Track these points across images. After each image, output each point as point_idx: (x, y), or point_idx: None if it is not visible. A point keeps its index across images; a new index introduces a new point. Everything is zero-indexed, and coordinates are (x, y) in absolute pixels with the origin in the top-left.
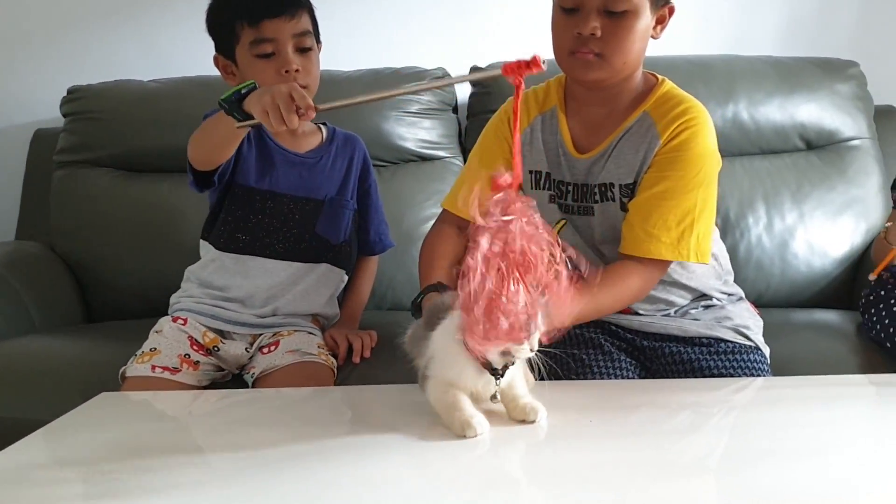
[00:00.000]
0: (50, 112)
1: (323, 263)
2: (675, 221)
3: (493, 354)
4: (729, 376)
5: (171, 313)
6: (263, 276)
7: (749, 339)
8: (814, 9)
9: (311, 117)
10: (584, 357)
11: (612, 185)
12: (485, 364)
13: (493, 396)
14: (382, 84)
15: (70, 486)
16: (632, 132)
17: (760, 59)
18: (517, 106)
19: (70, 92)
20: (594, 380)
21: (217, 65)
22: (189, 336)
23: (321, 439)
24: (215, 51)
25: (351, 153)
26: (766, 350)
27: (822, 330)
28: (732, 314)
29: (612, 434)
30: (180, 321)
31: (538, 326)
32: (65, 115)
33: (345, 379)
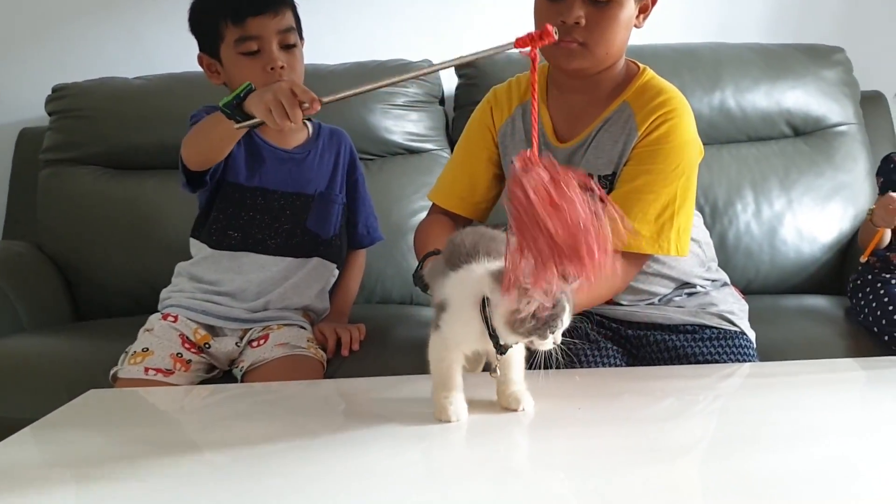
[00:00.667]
0: (35, 111)
1: (314, 258)
2: (655, 215)
3: (518, 331)
4: (715, 362)
5: (161, 309)
6: (256, 271)
7: (734, 324)
8: None
9: (316, 109)
10: (570, 346)
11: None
12: (492, 336)
13: (494, 371)
14: (368, 78)
15: (59, 482)
16: (611, 122)
17: (746, 47)
18: (534, 78)
19: (55, 90)
20: (581, 368)
21: (201, 64)
22: (181, 333)
23: (311, 432)
24: (199, 50)
25: (337, 147)
26: (752, 334)
27: (810, 315)
28: (717, 300)
29: (598, 421)
30: (171, 318)
31: (564, 322)
32: (50, 114)
33: (334, 372)
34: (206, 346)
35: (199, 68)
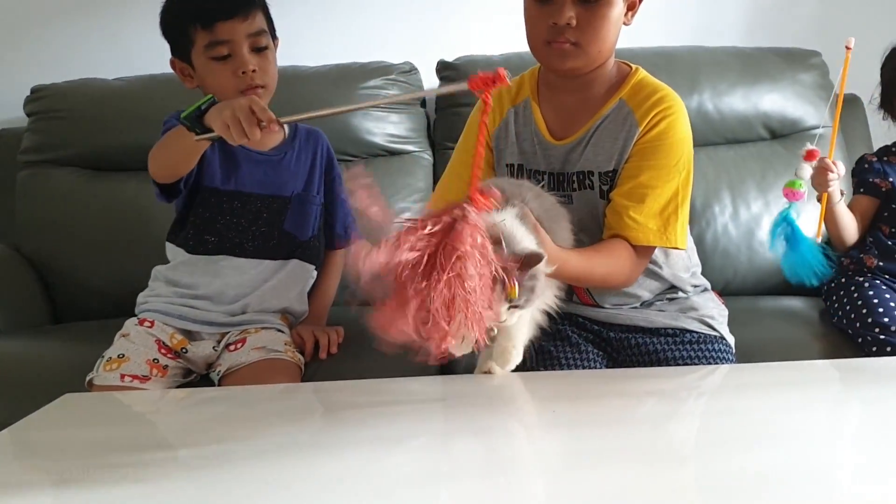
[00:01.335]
0: (13, 112)
1: (292, 260)
2: (660, 209)
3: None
4: (694, 365)
5: (138, 313)
6: (234, 274)
7: (714, 329)
8: None
9: (274, 130)
10: (551, 349)
11: (592, 172)
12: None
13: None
14: (348, 78)
15: (34, 486)
16: (609, 119)
17: (724, 50)
18: (484, 120)
19: (34, 91)
20: (560, 370)
21: (174, 68)
22: (156, 339)
23: (288, 436)
24: (171, 54)
25: (314, 147)
26: (731, 339)
27: (786, 317)
28: (697, 305)
29: (578, 423)
30: (147, 323)
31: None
32: (29, 115)
33: (311, 375)
34: (184, 350)
35: None
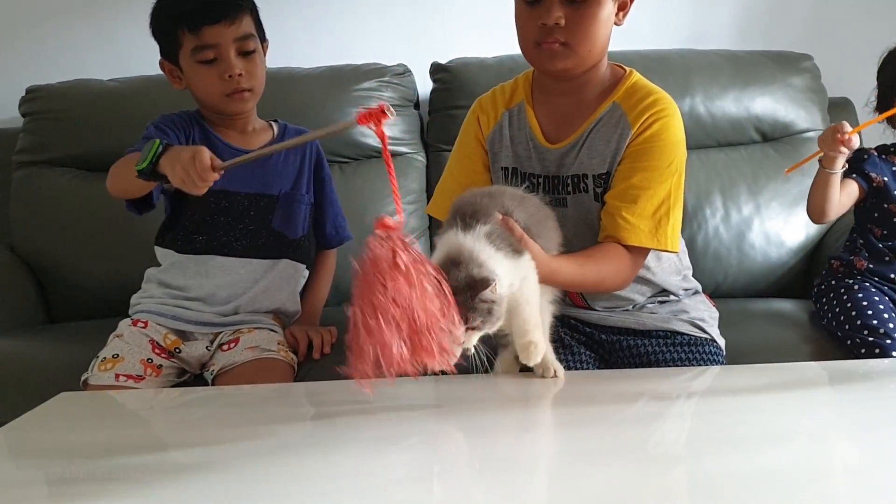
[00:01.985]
0: (8, 112)
1: (283, 259)
2: (652, 210)
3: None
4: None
5: (131, 314)
6: (224, 274)
7: (704, 331)
8: (768, 3)
9: (214, 178)
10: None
11: (586, 175)
12: None
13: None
14: (343, 80)
15: (29, 484)
16: (602, 122)
17: (716, 54)
18: (387, 154)
19: (29, 92)
20: None
21: (163, 69)
22: (150, 339)
23: (280, 435)
24: (160, 56)
25: (303, 148)
26: (722, 342)
27: (776, 319)
28: (688, 307)
29: (571, 423)
30: (140, 324)
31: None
32: (23, 115)
33: (304, 375)
34: (177, 350)
35: None
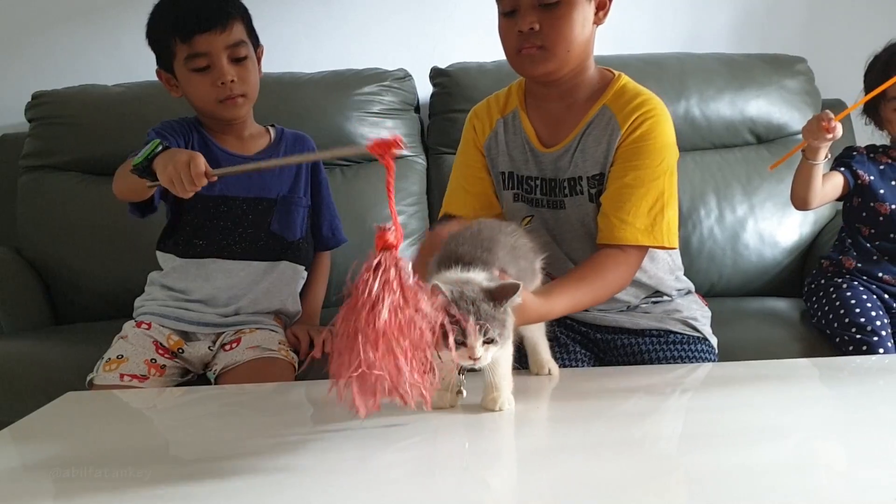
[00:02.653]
0: (15, 117)
1: (282, 261)
2: (647, 208)
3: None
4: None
5: (135, 317)
6: (224, 277)
7: (697, 330)
8: (764, 6)
9: (203, 184)
10: None
11: (581, 178)
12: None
13: (459, 392)
14: (344, 84)
15: (36, 483)
16: (594, 125)
17: (711, 57)
18: (390, 181)
19: (35, 97)
20: None
21: (160, 78)
22: (154, 340)
23: (281, 432)
24: (157, 65)
25: (301, 151)
26: (714, 340)
27: (768, 318)
28: (681, 307)
29: (564, 418)
30: (144, 325)
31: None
32: (30, 121)
33: (305, 374)
34: (180, 351)
35: None
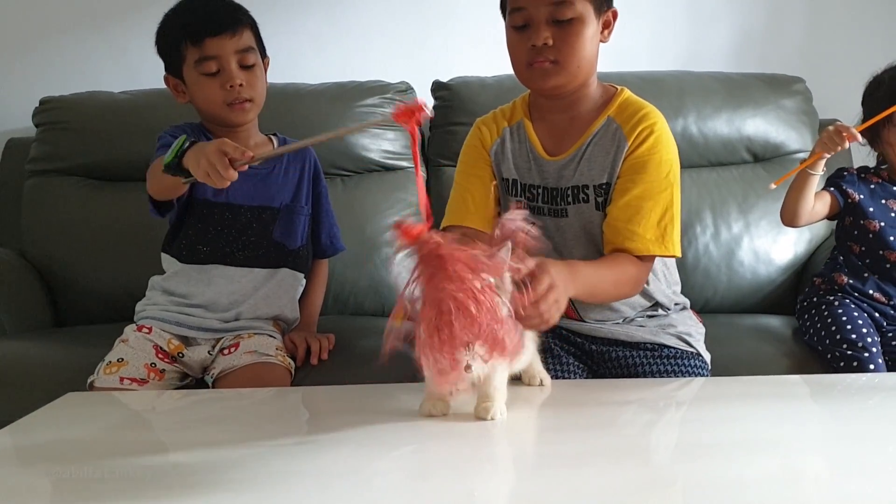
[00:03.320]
0: (22, 122)
1: (283, 268)
2: (657, 219)
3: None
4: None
5: (136, 321)
6: (226, 283)
7: (691, 345)
8: (762, 26)
9: (249, 158)
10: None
11: (587, 186)
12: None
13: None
14: (346, 96)
15: (35, 481)
16: (600, 136)
17: (710, 75)
18: (416, 150)
19: (42, 102)
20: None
21: (168, 84)
22: (154, 344)
23: (277, 437)
24: (165, 71)
25: (302, 161)
26: (708, 357)
27: (761, 334)
28: (676, 322)
29: (556, 428)
30: (145, 329)
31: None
32: (37, 125)
33: (301, 380)
34: (180, 355)
35: None
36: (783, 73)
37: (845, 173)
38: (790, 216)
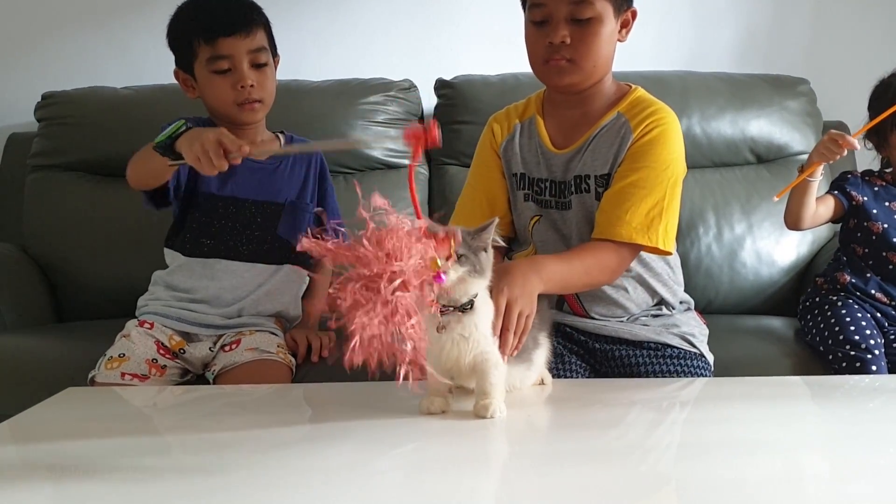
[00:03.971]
0: (24, 117)
1: (286, 264)
2: (646, 209)
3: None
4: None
5: (138, 316)
6: (229, 277)
7: (694, 346)
8: (767, 27)
9: (246, 153)
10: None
11: (588, 176)
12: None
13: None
14: (349, 93)
15: (35, 476)
16: (607, 129)
17: (714, 76)
18: (412, 165)
19: (44, 97)
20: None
21: (177, 78)
22: (156, 340)
23: (277, 433)
24: (175, 65)
25: (309, 159)
26: (711, 358)
27: (763, 335)
28: (680, 322)
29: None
30: (147, 325)
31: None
32: (39, 120)
33: (302, 377)
34: (181, 351)
35: None
36: (787, 75)
37: (849, 176)
38: (793, 220)
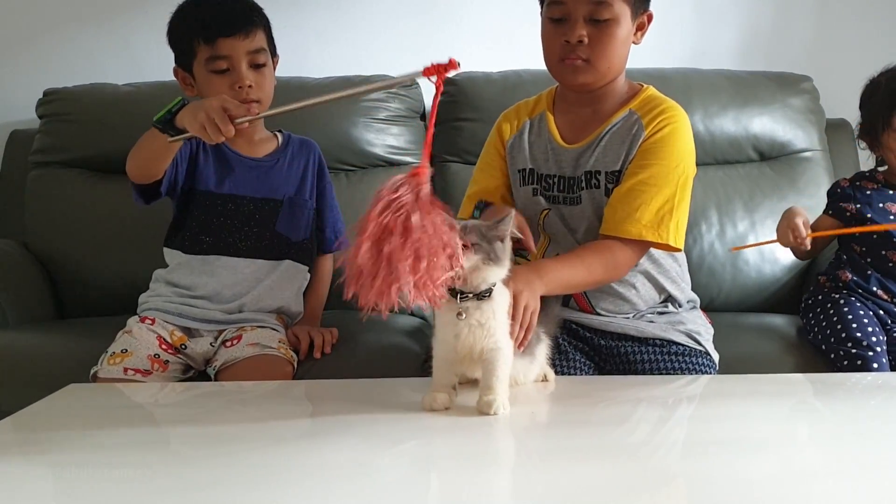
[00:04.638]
0: (26, 113)
1: (286, 260)
2: (657, 207)
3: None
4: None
5: (139, 313)
6: (229, 273)
7: (700, 343)
8: (770, 25)
9: (248, 120)
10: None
11: (599, 172)
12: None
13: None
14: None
15: (37, 472)
16: (618, 126)
17: (717, 73)
18: (436, 102)
19: (46, 94)
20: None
21: (177, 76)
22: (158, 335)
23: (280, 430)
24: (174, 63)
25: (307, 156)
26: (716, 356)
27: (765, 333)
28: (686, 320)
29: (555, 423)
30: (148, 321)
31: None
32: (40, 117)
33: (304, 373)
34: (183, 347)
35: None
36: (790, 72)
37: (839, 189)
38: (801, 258)
